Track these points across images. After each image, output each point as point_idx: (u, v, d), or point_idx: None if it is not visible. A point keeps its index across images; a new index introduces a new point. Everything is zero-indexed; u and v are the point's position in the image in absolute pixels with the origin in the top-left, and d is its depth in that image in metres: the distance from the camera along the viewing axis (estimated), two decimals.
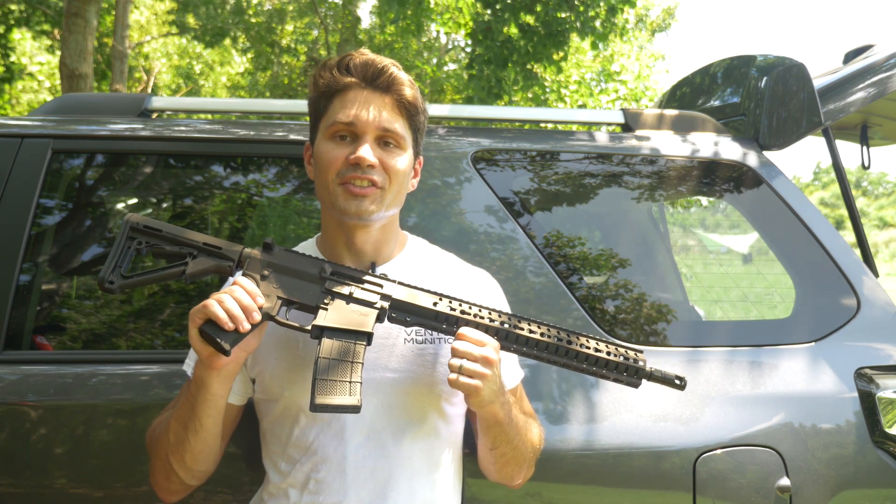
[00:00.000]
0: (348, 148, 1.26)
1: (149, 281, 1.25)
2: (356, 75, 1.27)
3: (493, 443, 1.28)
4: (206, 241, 1.25)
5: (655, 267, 2.17)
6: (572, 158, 1.88)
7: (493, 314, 1.24)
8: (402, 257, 1.39)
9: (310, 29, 17.56)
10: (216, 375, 1.17)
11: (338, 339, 1.19)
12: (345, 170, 1.25)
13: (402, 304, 1.23)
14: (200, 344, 1.14)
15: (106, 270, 1.21)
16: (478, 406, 1.20)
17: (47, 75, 17.78)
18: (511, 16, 8.14)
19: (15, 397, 1.54)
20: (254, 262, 1.23)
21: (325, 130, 1.28)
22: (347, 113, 1.25)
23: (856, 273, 1.74)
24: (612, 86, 14.41)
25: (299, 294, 1.22)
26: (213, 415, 1.22)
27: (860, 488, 1.59)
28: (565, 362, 1.24)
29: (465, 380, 1.17)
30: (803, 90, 1.88)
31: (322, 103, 1.30)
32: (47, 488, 1.51)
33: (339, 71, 1.28)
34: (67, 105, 1.91)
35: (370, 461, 1.25)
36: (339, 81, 1.27)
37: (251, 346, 1.20)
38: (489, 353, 1.18)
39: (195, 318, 1.14)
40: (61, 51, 8.02)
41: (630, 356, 1.24)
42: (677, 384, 1.25)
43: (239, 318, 1.13)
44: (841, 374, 1.64)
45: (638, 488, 1.54)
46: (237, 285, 1.17)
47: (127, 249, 1.24)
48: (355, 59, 1.28)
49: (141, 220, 1.25)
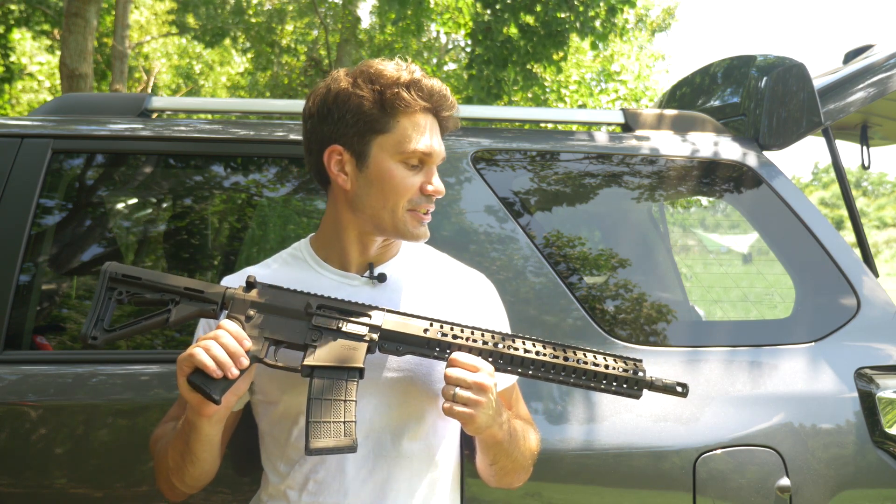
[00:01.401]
0: (419, 176, 1.27)
1: (133, 332, 1.23)
2: (430, 101, 1.26)
3: (493, 459, 1.28)
4: (188, 285, 1.23)
5: (655, 267, 2.17)
6: (572, 158, 1.88)
7: (487, 335, 1.22)
8: (399, 258, 1.38)
9: (310, 29, 17.56)
10: (207, 421, 1.17)
11: (329, 378, 1.18)
12: (418, 199, 1.27)
13: (392, 335, 1.21)
14: (189, 393, 1.13)
15: (88, 325, 1.20)
16: (474, 432, 1.20)
17: (47, 75, 17.78)
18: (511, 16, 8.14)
19: (15, 397, 1.54)
20: (238, 303, 1.21)
21: (395, 152, 1.25)
22: (427, 143, 1.25)
23: (856, 273, 1.74)
24: (612, 86, 14.41)
25: (286, 333, 1.21)
26: (207, 449, 1.22)
27: (860, 488, 1.59)
28: (563, 379, 1.21)
29: (460, 408, 1.15)
30: (803, 90, 1.88)
31: (385, 118, 1.25)
32: (47, 488, 1.51)
33: (413, 91, 1.24)
34: (67, 105, 1.90)
35: (369, 461, 1.25)
36: (415, 104, 1.24)
37: (241, 390, 1.18)
38: (483, 379, 1.16)
39: (183, 367, 1.13)
40: (61, 51, 8.02)
41: (629, 367, 1.22)
42: (679, 392, 1.23)
43: (227, 364, 1.12)
44: (841, 374, 1.64)
45: (638, 488, 1.54)
46: (223, 329, 1.15)
47: (108, 300, 1.22)
48: (427, 82, 1.26)
49: (119, 269, 1.23)
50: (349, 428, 1.16)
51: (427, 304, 1.30)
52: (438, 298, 1.33)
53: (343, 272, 1.33)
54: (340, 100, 1.25)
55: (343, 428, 1.15)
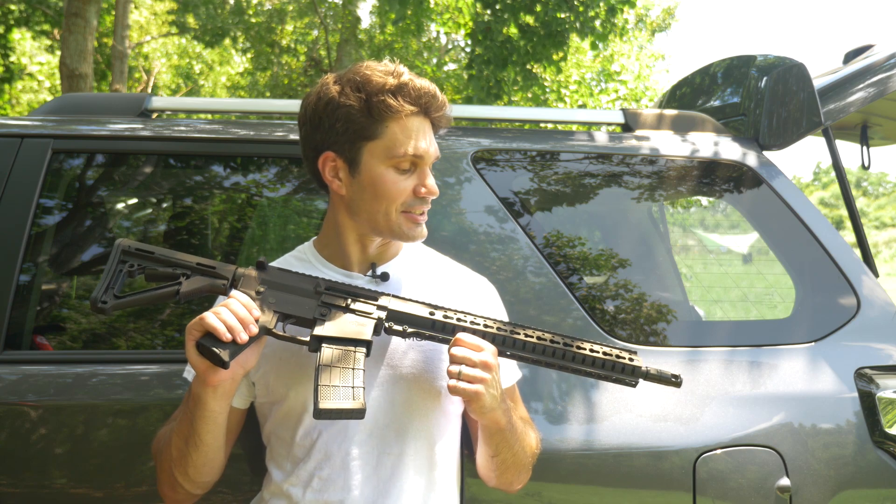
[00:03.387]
0: (411, 179, 1.27)
1: (142, 301, 1.23)
2: (418, 104, 1.26)
3: (496, 450, 1.28)
4: (200, 261, 1.24)
5: (655, 267, 2.17)
6: (572, 158, 1.88)
7: (489, 321, 1.25)
8: (401, 258, 1.39)
9: (310, 29, 17.56)
10: (213, 392, 1.17)
11: (337, 348, 1.18)
12: (411, 201, 1.27)
13: (399, 315, 1.23)
14: (198, 358, 1.13)
15: (98, 291, 1.20)
16: (479, 413, 1.20)
17: (47, 75, 17.78)
18: (511, 16, 8.14)
19: (15, 397, 1.54)
20: (248, 279, 1.22)
21: (385, 158, 1.26)
22: (416, 146, 1.25)
23: (856, 273, 1.74)
24: (612, 86, 14.42)
25: (295, 308, 1.22)
26: (212, 430, 1.21)
27: (860, 488, 1.59)
28: (562, 364, 1.24)
29: (465, 385, 1.16)
30: (803, 90, 1.88)
31: (374, 125, 1.25)
32: (47, 488, 1.51)
33: (402, 98, 1.24)
34: (67, 105, 1.90)
35: (373, 458, 1.26)
36: (401, 109, 1.24)
37: (249, 363, 1.19)
38: (487, 358, 1.18)
39: (192, 332, 1.13)
40: (61, 51, 8.02)
41: (625, 356, 1.25)
42: (673, 381, 1.26)
43: (236, 328, 1.12)
44: (841, 374, 1.64)
45: (638, 488, 1.54)
46: (233, 298, 1.16)
47: (119, 272, 1.22)
48: (414, 84, 1.25)
49: (132, 244, 1.24)
50: (357, 392, 1.16)
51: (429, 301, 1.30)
52: (440, 298, 1.33)
53: (346, 271, 1.34)
54: (330, 108, 1.26)
55: (352, 392, 1.16)
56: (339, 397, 1.15)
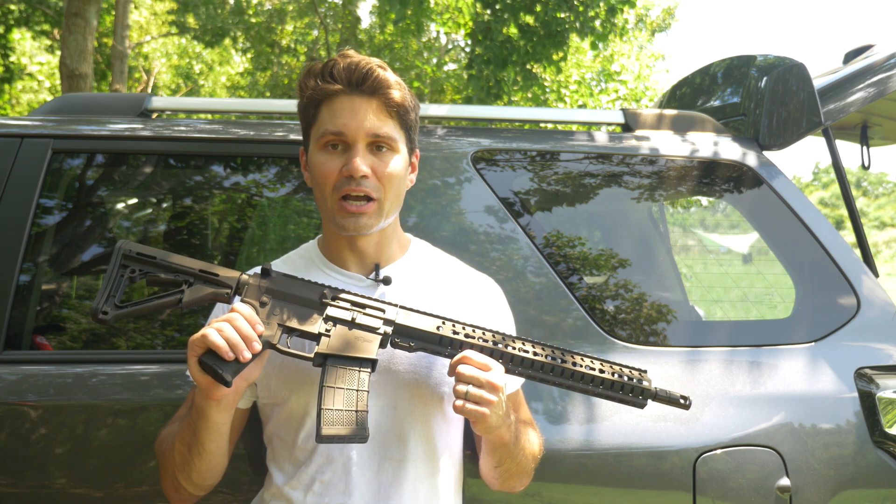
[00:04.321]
0: (340, 159, 1.25)
1: (144, 310, 1.20)
2: (341, 82, 1.24)
3: (499, 461, 1.28)
4: (203, 267, 1.21)
5: (655, 267, 2.17)
6: (572, 158, 1.88)
7: (497, 336, 1.23)
8: (406, 260, 1.38)
9: (310, 29, 17.56)
10: (216, 406, 1.16)
11: (341, 367, 1.17)
12: (340, 183, 1.24)
13: (406, 329, 1.21)
14: (200, 374, 1.12)
15: (99, 300, 1.16)
16: (484, 432, 1.19)
17: (47, 75, 17.78)
18: (511, 16, 8.14)
19: (15, 397, 1.54)
20: (252, 288, 1.20)
21: (316, 140, 1.27)
22: (336, 122, 1.24)
23: (856, 273, 1.74)
24: (612, 86, 14.42)
25: (300, 321, 1.19)
26: (215, 439, 1.21)
27: (860, 488, 1.59)
28: (570, 384, 1.22)
29: (472, 406, 1.15)
30: (803, 90, 1.88)
31: (311, 111, 1.28)
32: (47, 488, 1.51)
33: (323, 78, 1.25)
34: (67, 105, 1.90)
35: (375, 462, 1.25)
36: (325, 89, 1.25)
37: (252, 377, 1.17)
38: (494, 378, 1.16)
39: (194, 348, 1.12)
40: (61, 51, 8.02)
41: (635, 376, 1.24)
42: (682, 404, 1.25)
43: (239, 346, 1.10)
44: (841, 374, 1.64)
45: (638, 488, 1.54)
46: (236, 313, 1.14)
47: (120, 278, 1.19)
48: (339, 64, 1.25)
49: (134, 248, 1.21)
50: (361, 417, 1.15)
51: (434, 306, 1.29)
52: (445, 301, 1.33)
53: (349, 273, 1.33)
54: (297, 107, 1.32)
55: (355, 417, 1.14)
56: (343, 423, 1.14)
